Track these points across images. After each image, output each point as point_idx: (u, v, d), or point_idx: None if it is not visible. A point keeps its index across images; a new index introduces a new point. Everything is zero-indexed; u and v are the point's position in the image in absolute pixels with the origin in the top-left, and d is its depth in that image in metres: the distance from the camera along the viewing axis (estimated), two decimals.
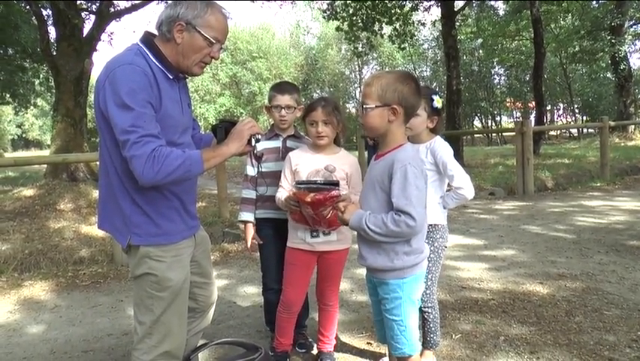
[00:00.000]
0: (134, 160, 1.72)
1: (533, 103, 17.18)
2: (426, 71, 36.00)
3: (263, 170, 2.75)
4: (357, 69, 39.28)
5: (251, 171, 2.81)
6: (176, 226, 1.96)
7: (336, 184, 2.25)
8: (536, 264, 4.48)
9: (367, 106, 1.88)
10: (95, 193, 8.10)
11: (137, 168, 1.73)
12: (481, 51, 29.67)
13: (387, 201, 1.86)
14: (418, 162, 1.86)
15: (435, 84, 34.47)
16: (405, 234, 1.82)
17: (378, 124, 1.89)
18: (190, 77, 2.05)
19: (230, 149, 1.95)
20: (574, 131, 28.12)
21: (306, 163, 2.56)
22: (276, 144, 2.79)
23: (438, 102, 2.52)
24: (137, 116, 1.72)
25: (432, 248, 2.53)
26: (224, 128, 2.07)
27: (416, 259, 1.92)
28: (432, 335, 2.60)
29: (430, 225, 2.52)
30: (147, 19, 37.41)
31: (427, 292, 2.54)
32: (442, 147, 2.50)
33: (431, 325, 2.59)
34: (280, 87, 2.79)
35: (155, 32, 1.96)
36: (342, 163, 2.56)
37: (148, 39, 1.94)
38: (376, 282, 1.99)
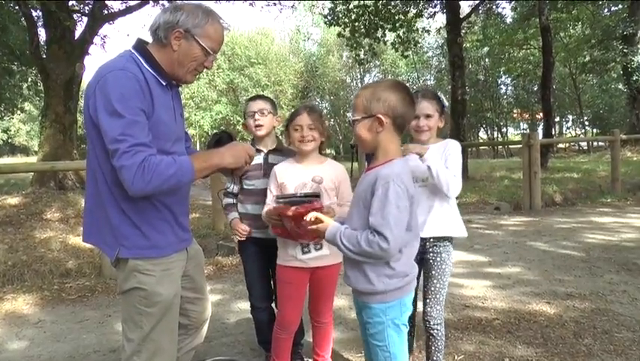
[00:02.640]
0: (123, 170, 1.73)
1: (541, 114, 17.27)
2: (430, 79, 36.23)
3: (245, 187, 2.79)
4: (359, 77, 39.44)
5: (232, 188, 2.89)
6: (166, 238, 1.96)
7: (317, 196, 2.27)
8: (543, 282, 4.47)
9: (353, 118, 1.90)
10: (83, 202, 8.07)
11: (126, 178, 1.74)
12: (487, 60, 29.92)
13: (368, 219, 1.85)
14: (404, 179, 1.81)
15: (439, 93, 34.72)
16: (377, 256, 1.79)
17: (366, 136, 1.89)
18: (184, 85, 2.07)
19: (224, 160, 1.97)
20: (583, 144, 28.19)
21: (292, 176, 2.57)
22: (257, 160, 2.78)
23: (445, 100, 2.66)
24: (127, 124, 1.73)
25: (438, 262, 2.56)
26: (224, 138, 2.10)
27: (399, 282, 1.88)
28: (438, 354, 2.61)
29: (437, 238, 2.57)
30: (141, 23, 37.56)
31: (437, 308, 2.56)
32: (455, 145, 2.63)
33: (438, 343, 2.59)
34: (252, 98, 2.89)
35: (148, 38, 1.98)
36: (330, 173, 2.57)
37: (141, 45, 1.95)
38: (360, 304, 1.97)
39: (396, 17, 14.43)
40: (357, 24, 14.37)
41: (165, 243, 1.96)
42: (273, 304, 2.84)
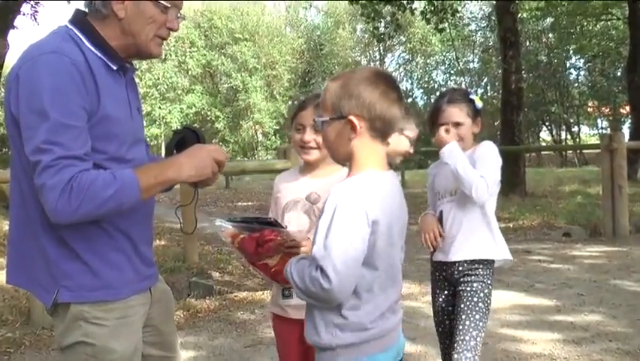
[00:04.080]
0: (44, 191, 1.72)
1: (627, 108, 17.27)
2: (473, 61, 36.40)
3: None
4: (379, 57, 39.77)
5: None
6: (123, 275, 1.95)
7: (270, 224, 2.26)
8: (635, 336, 4.44)
9: (320, 119, 1.92)
10: (6, 225, 8.08)
11: (48, 201, 1.73)
12: (551, 35, 29.99)
13: None
14: (366, 200, 1.79)
15: (485, 80, 34.80)
16: (320, 298, 1.78)
17: (335, 143, 1.90)
18: (146, 68, 2.06)
19: (182, 174, 1.93)
20: None
21: (289, 189, 2.59)
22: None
23: (479, 101, 2.85)
24: (55, 129, 1.73)
25: (469, 293, 2.67)
26: (188, 138, 2.09)
27: (353, 337, 1.84)
28: None
29: (467, 261, 2.71)
30: None
31: (466, 355, 2.60)
32: (486, 145, 2.81)
33: None
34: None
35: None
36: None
37: (81, 19, 1.95)
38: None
39: None
40: None
41: (121, 281, 1.95)
42: None
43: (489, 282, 2.73)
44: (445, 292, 2.90)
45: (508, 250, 2.79)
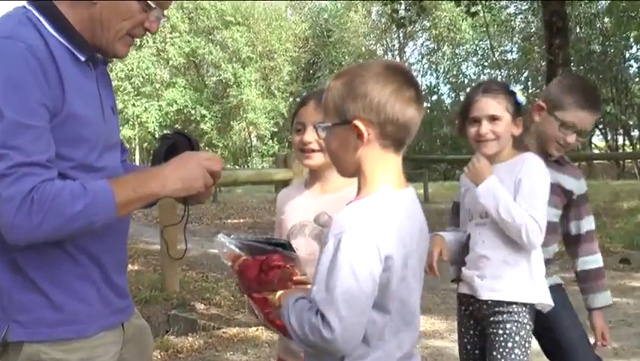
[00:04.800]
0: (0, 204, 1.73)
1: None
2: (512, 51, 36.40)
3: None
4: (398, 46, 39.82)
5: None
6: (90, 308, 1.95)
7: (282, 246, 2.23)
8: None
9: (321, 125, 1.91)
10: None
11: (4, 215, 1.73)
12: (607, 20, 29.97)
13: None
14: (375, 233, 1.76)
15: (526, 74, 34.75)
16: (320, 348, 1.77)
17: (340, 155, 1.90)
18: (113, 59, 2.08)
19: (167, 187, 1.94)
20: None
21: (292, 210, 2.58)
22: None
23: (522, 95, 2.85)
24: (11, 129, 1.73)
25: (501, 337, 2.66)
26: (180, 143, 2.09)
27: None
28: None
29: (498, 302, 2.69)
30: None
31: None
32: (534, 164, 2.76)
33: None
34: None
35: None
36: None
37: None
38: None
39: None
40: None
41: (88, 316, 1.95)
42: None
43: (526, 321, 2.69)
44: (471, 331, 2.91)
45: (548, 292, 2.75)
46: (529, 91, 32.66)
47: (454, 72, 38.30)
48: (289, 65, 37.46)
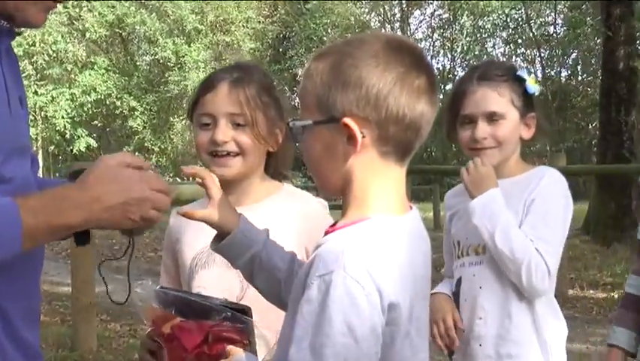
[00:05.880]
0: None
1: None
2: (555, 24, 36.65)
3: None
4: (399, 16, 40.08)
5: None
6: None
7: (240, 310, 2.25)
8: None
9: (298, 123, 1.91)
10: None
11: None
12: None
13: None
14: (375, 275, 1.71)
15: (574, 55, 35.01)
16: None
17: (323, 165, 1.91)
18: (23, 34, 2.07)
19: (94, 209, 1.92)
20: None
21: (195, 235, 2.61)
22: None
23: (533, 82, 2.79)
24: None
25: None
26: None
27: None
28: None
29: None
30: None
31: None
32: (553, 181, 2.76)
33: None
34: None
35: None
36: (284, 225, 2.56)
37: None
38: None
39: None
40: None
41: None
42: None
43: None
44: None
45: (562, 350, 2.76)
46: (579, 78, 32.89)
47: (476, 52, 38.51)
48: (251, 40, 37.58)
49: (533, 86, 2.76)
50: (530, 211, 2.65)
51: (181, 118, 36.08)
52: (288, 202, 2.65)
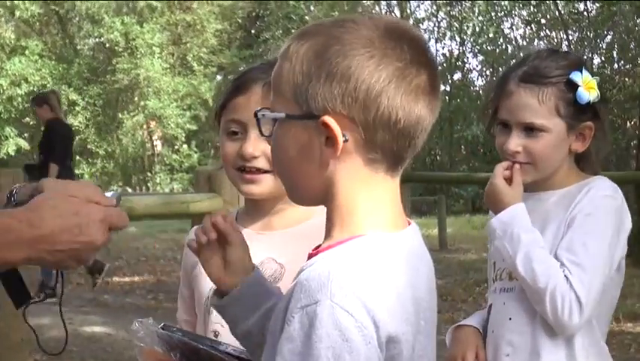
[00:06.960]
0: None
1: None
2: (591, 5, 36.73)
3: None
4: None
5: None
6: None
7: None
8: None
9: (268, 115, 1.91)
10: None
11: None
12: None
13: None
14: (368, 305, 1.68)
15: (608, 39, 35.19)
16: None
17: (297, 168, 1.89)
18: None
19: (39, 252, 1.92)
20: None
21: None
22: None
23: (588, 86, 2.69)
24: None
25: None
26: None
27: None
28: None
29: None
30: None
31: None
32: (600, 197, 2.70)
33: None
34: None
35: None
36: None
37: None
38: None
39: None
40: None
41: None
42: None
43: None
44: None
45: None
46: (614, 66, 32.95)
47: (490, 35, 38.49)
48: (217, 20, 37.53)
49: (588, 94, 2.66)
50: (569, 229, 2.62)
51: (132, 114, 36.00)
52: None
